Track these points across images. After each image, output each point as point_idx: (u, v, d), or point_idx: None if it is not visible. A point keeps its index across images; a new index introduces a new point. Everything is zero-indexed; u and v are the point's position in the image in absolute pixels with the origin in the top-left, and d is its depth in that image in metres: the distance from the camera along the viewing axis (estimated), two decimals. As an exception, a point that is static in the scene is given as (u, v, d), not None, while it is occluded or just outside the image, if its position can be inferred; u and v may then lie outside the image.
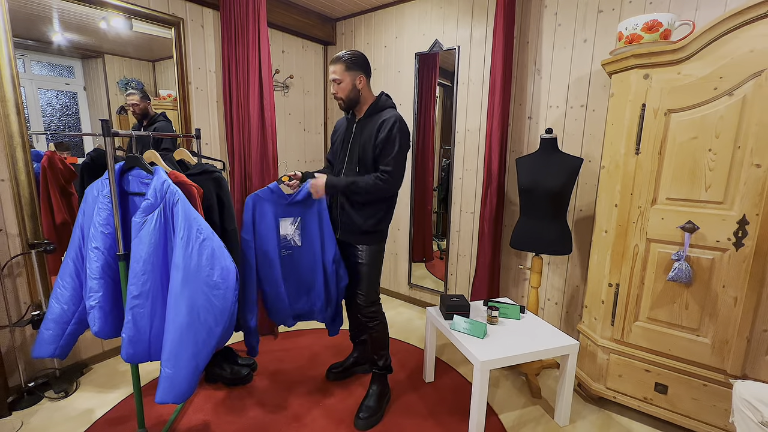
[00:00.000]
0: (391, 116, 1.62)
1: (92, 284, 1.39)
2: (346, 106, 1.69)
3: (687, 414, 1.64)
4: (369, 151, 1.63)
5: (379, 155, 1.62)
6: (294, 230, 1.79)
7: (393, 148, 1.60)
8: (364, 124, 1.68)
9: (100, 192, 1.43)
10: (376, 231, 1.73)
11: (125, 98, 2.20)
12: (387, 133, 1.59)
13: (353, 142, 1.69)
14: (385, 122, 1.61)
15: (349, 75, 1.61)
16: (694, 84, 1.48)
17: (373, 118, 1.66)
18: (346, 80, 1.61)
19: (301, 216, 1.79)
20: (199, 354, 1.30)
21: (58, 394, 1.87)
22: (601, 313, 1.81)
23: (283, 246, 1.81)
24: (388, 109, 1.68)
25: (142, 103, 2.21)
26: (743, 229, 1.45)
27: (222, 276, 1.30)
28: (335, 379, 2.05)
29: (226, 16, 2.32)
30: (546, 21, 2.20)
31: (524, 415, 1.82)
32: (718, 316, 1.54)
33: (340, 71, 1.60)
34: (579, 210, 2.22)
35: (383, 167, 1.61)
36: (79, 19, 1.98)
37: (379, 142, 1.60)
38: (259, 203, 1.76)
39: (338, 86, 1.63)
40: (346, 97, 1.64)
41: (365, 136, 1.65)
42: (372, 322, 1.79)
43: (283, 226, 1.79)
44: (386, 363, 1.85)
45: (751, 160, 1.41)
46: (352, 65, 1.61)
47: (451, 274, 2.83)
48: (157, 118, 2.27)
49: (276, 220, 1.78)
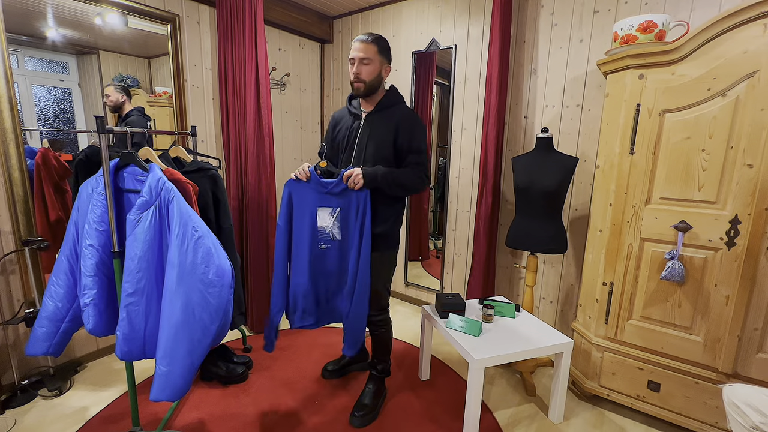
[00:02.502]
0: (409, 112, 1.56)
1: (87, 281, 1.39)
2: (365, 92, 1.56)
3: (679, 411, 1.66)
4: (386, 149, 1.54)
5: (408, 152, 1.54)
6: (333, 222, 1.61)
7: (421, 145, 1.54)
8: (375, 119, 1.57)
9: (95, 189, 1.42)
10: (387, 236, 1.66)
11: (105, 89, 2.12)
12: (411, 130, 1.52)
13: (361, 139, 1.58)
14: (406, 118, 1.53)
15: (380, 59, 1.51)
16: (688, 84, 1.49)
17: (387, 113, 1.56)
18: (376, 63, 1.51)
19: (342, 207, 1.59)
20: (195, 352, 1.30)
21: (52, 392, 1.86)
22: (595, 311, 1.83)
23: (321, 239, 1.64)
24: (401, 104, 1.60)
25: (114, 94, 2.12)
26: (735, 229, 1.46)
27: (217, 274, 1.30)
28: (330, 377, 2.04)
29: (223, 13, 2.31)
30: (542, 21, 2.21)
31: (519, 413, 1.84)
32: (710, 315, 1.56)
33: (371, 52, 1.49)
34: (574, 209, 2.23)
35: (415, 165, 1.54)
36: (74, 14, 1.96)
37: (404, 138, 1.52)
38: (295, 189, 1.61)
39: (365, 67, 1.50)
40: (370, 81, 1.53)
41: (380, 133, 1.55)
42: (379, 330, 1.77)
43: (321, 217, 1.61)
44: (386, 367, 1.85)
45: (743, 161, 1.42)
46: (383, 50, 1.52)
47: (446, 272, 2.84)
48: (132, 113, 2.19)
49: (313, 208, 1.61)
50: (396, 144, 1.54)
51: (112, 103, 2.13)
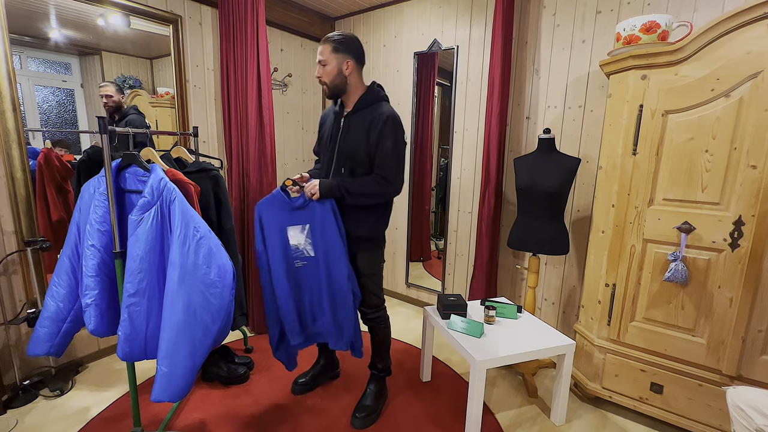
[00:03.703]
0: (384, 112, 1.50)
1: (88, 282, 1.39)
2: (330, 93, 1.55)
3: (682, 414, 1.65)
4: (361, 151, 1.51)
5: (375, 156, 1.51)
6: (305, 239, 1.60)
7: (389, 149, 1.49)
8: (353, 118, 1.55)
9: (97, 189, 1.42)
10: (371, 238, 1.64)
11: (98, 90, 2.09)
12: (380, 132, 1.48)
13: (341, 140, 1.56)
14: (376, 119, 1.49)
15: (336, 58, 1.48)
16: (692, 85, 1.48)
17: (364, 113, 1.53)
18: (332, 63, 1.48)
19: (310, 223, 1.59)
20: (196, 352, 1.30)
21: (54, 393, 1.87)
22: (597, 313, 1.82)
23: (296, 257, 1.63)
24: (379, 103, 1.55)
25: (116, 95, 2.12)
26: (739, 230, 1.46)
27: (219, 274, 1.30)
28: (301, 392, 1.92)
29: (225, 14, 2.32)
30: (545, 21, 2.20)
31: (521, 415, 1.83)
32: (713, 317, 1.55)
33: (326, 52, 1.48)
34: (576, 210, 2.23)
35: (379, 171, 1.51)
36: (77, 15, 1.97)
37: (372, 141, 1.49)
38: (264, 211, 1.61)
39: (323, 69, 1.50)
40: (331, 82, 1.51)
41: (355, 133, 1.52)
42: (377, 327, 1.76)
43: (293, 235, 1.61)
44: (386, 366, 1.84)
45: (747, 162, 1.41)
46: (339, 47, 1.48)
47: (448, 273, 2.84)
48: (129, 112, 2.17)
49: (283, 228, 1.61)
50: (368, 144, 1.51)
51: (114, 104, 2.13)
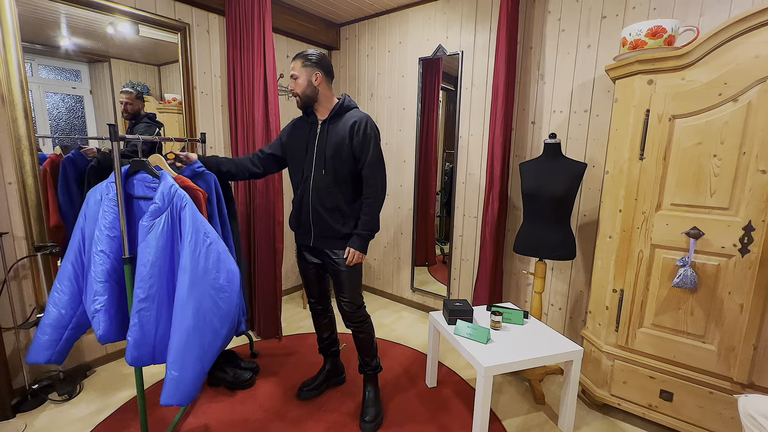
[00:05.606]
0: (362, 117, 1.64)
1: (97, 287, 1.40)
2: (302, 104, 1.68)
3: (692, 422, 1.63)
4: (344, 151, 1.62)
5: (359, 157, 1.64)
6: None
7: (375, 156, 1.64)
8: (331, 125, 1.67)
9: (105, 195, 1.44)
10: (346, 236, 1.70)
11: (119, 95, 2.15)
12: (364, 134, 1.61)
13: (320, 144, 1.66)
14: (358, 123, 1.62)
15: (305, 71, 1.62)
16: (699, 90, 1.48)
17: (342, 119, 1.66)
18: (303, 77, 1.63)
19: None
20: (205, 356, 1.31)
21: (62, 397, 1.88)
22: (605, 319, 1.81)
23: None
24: (354, 109, 1.69)
25: (135, 102, 2.18)
26: (749, 236, 1.44)
27: (228, 279, 1.31)
28: (307, 398, 1.92)
29: (232, 22, 2.35)
30: (549, 26, 2.21)
31: (528, 422, 1.81)
32: (723, 323, 1.53)
33: (297, 67, 1.63)
34: (583, 215, 2.22)
35: (371, 181, 1.64)
36: (87, 24, 2.00)
37: (357, 143, 1.62)
38: None
39: (295, 82, 1.64)
40: (303, 93, 1.64)
41: (336, 137, 1.63)
42: (362, 326, 1.78)
43: None
44: (377, 362, 1.86)
45: (756, 166, 1.40)
46: (307, 62, 1.63)
47: (453, 278, 2.83)
48: (142, 120, 2.21)
49: None
50: (352, 146, 1.63)
51: (132, 110, 2.18)
